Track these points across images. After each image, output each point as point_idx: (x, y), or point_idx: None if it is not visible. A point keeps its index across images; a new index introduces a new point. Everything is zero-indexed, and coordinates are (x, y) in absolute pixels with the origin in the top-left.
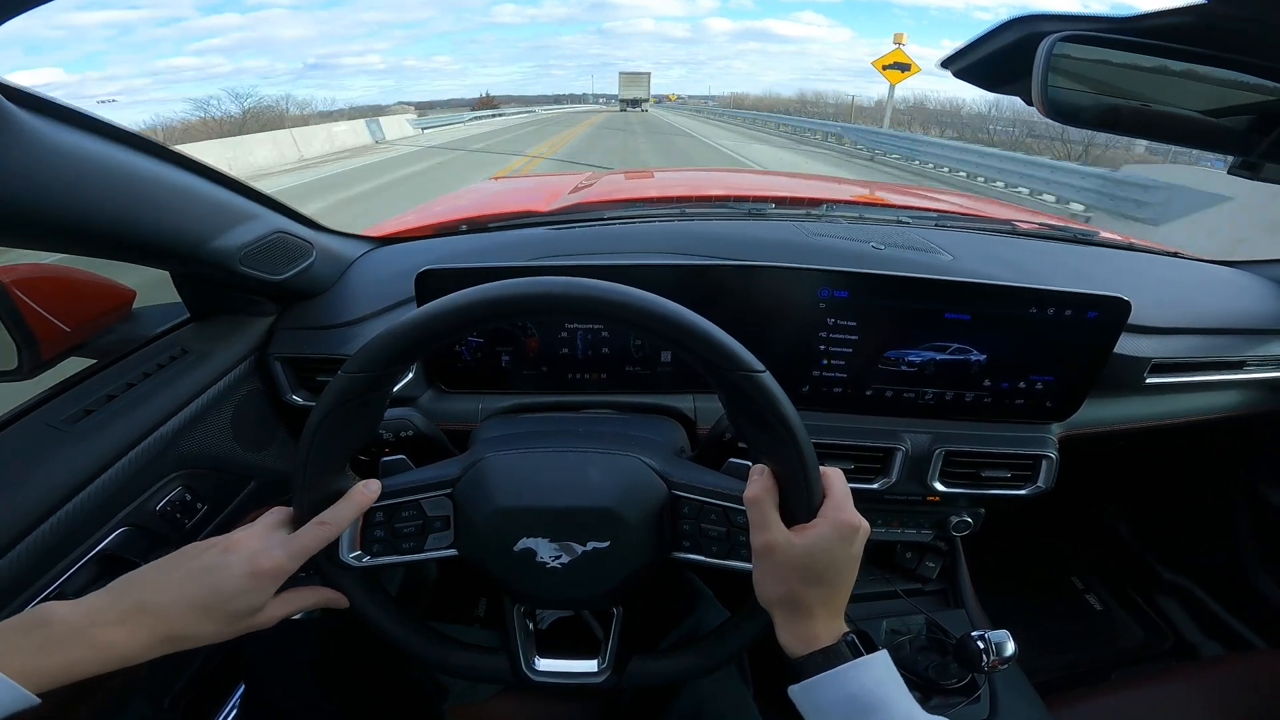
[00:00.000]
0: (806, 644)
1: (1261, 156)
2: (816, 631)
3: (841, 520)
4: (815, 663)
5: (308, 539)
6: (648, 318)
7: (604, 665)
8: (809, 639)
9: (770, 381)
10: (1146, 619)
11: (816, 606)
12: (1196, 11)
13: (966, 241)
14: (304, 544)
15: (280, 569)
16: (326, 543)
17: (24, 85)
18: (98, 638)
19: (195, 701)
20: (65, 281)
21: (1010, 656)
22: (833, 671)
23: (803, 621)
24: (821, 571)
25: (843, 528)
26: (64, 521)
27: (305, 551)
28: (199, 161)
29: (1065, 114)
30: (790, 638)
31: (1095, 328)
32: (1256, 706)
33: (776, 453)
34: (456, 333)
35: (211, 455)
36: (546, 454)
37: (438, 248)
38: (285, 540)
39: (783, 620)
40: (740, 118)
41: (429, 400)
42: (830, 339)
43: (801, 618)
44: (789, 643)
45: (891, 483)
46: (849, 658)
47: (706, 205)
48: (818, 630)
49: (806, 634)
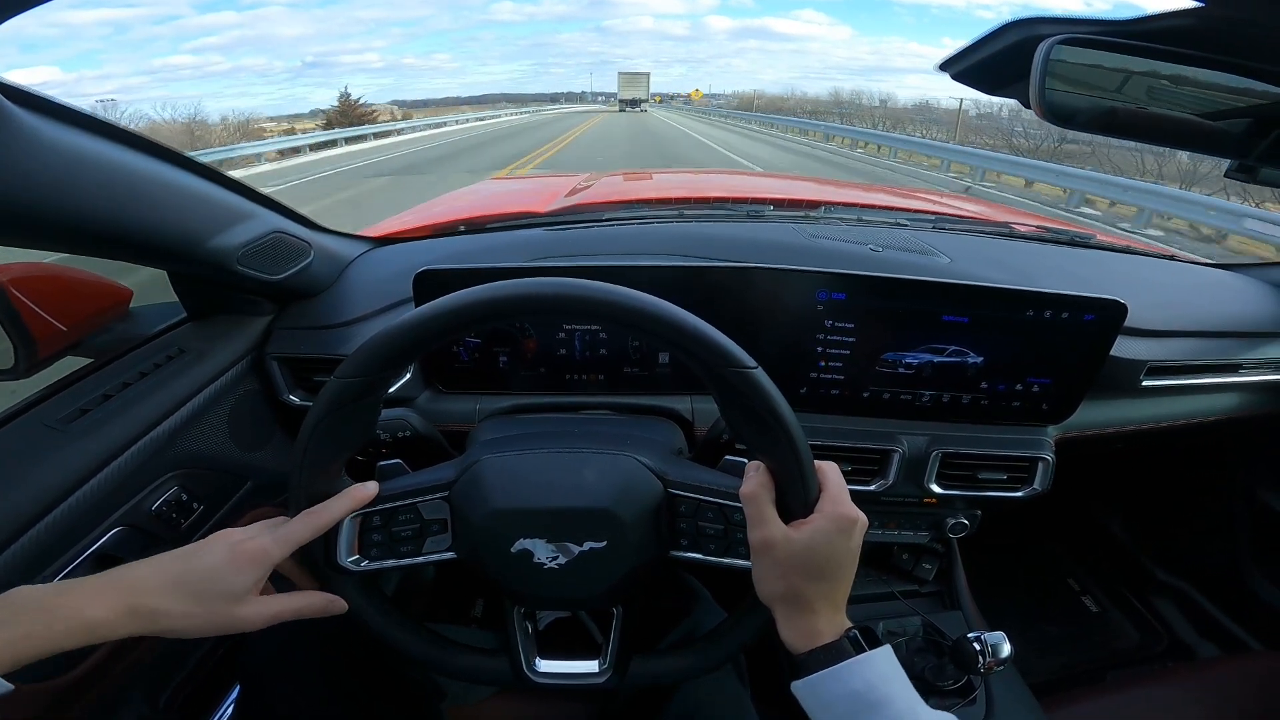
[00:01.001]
0: (809, 640)
1: (1258, 160)
2: (819, 627)
3: (840, 514)
4: (818, 659)
5: (296, 528)
6: (641, 317)
7: (605, 665)
8: (811, 635)
9: (763, 377)
10: (1142, 620)
11: (818, 601)
12: (1194, 15)
13: (964, 244)
14: (290, 532)
15: (264, 551)
16: (318, 532)
17: (22, 84)
18: (62, 606)
19: (190, 702)
20: (62, 280)
21: (1006, 658)
22: (836, 667)
23: (804, 617)
24: (821, 566)
25: (841, 521)
26: (59, 521)
27: (291, 540)
28: (197, 161)
29: (1063, 116)
30: (792, 634)
31: (1092, 330)
32: (1252, 708)
33: (771, 448)
34: (452, 334)
35: (208, 455)
36: (542, 455)
37: (436, 248)
38: (273, 529)
39: (784, 616)
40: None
41: (426, 400)
42: (828, 341)
43: (803, 613)
44: (791, 639)
45: (888, 485)
46: (852, 653)
47: (705, 207)
48: (820, 626)
49: (809, 630)
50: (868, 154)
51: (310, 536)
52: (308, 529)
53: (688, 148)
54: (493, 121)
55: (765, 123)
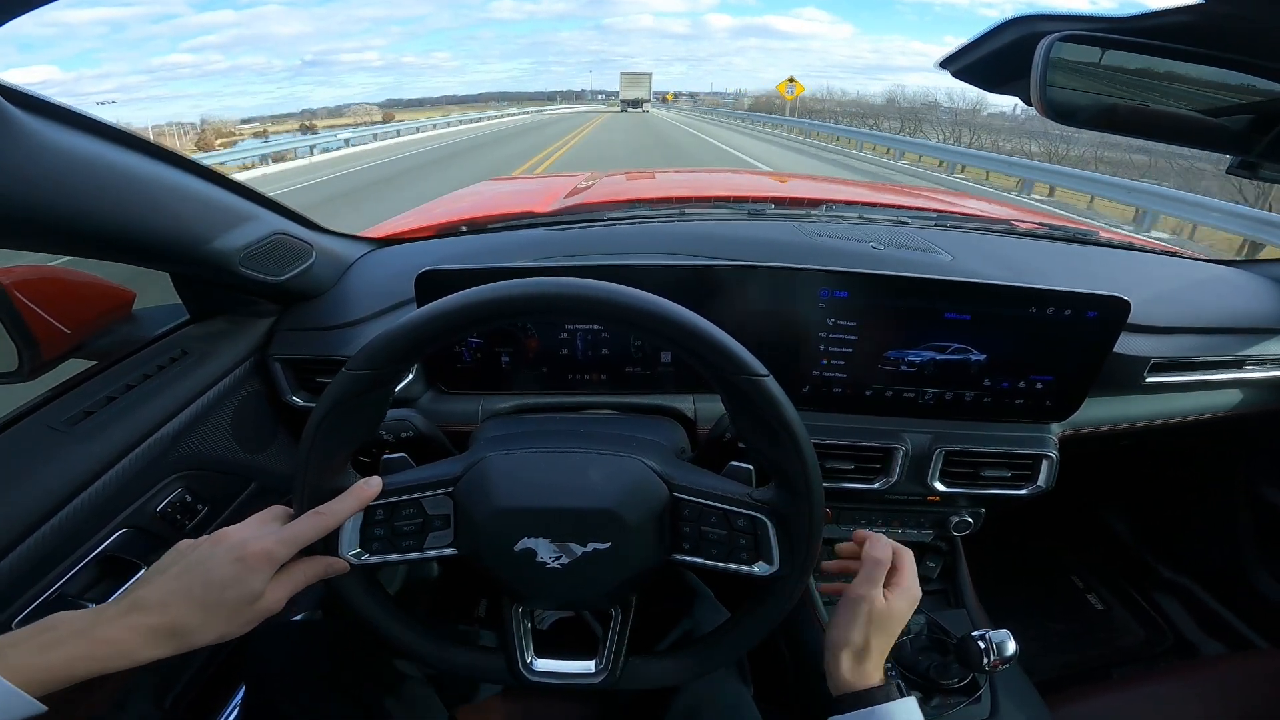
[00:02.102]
0: (863, 680)
1: (1260, 156)
2: (870, 671)
3: (914, 595)
4: (874, 696)
5: (301, 527)
6: (649, 319)
7: (601, 666)
8: (865, 677)
9: (774, 386)
10: (1147, 618)
11: (876, 654)
12: (1194, 11)
13: (966, 241)
14: (296, 531)
15: (268, 553)
16: (322, 533)
17: (23, 86)
18: (98, 635)
19: (196, 702)
20: (65, 283)
21: (1011, 656)
22: (894, 703)
23: (863, 663)
24: (893, 629)
25: (914, 600)
26: (64, 523)
27: (297, 539)
28: (198, 163)
29: (1064, 114)
30: (849, 674)
31: (1095, 327)
32: (1257, 705)
33: (779, 455)
34: (457, 333)
35: (212, 457)
36: (547, 454)
37: (438, 249)
38: (277, 528)
39: (846, 659)
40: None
41: (429, 401)
42: (830, 339)
43: (864, 661)
44: (846, 678)
45: (892, 482)
46: (896, 695)
47: (706, 206)
48: (871, 670)
49: (864, 673)
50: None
51: (315, 538)
52: (312, 530)
53: None
54: (475, 126)
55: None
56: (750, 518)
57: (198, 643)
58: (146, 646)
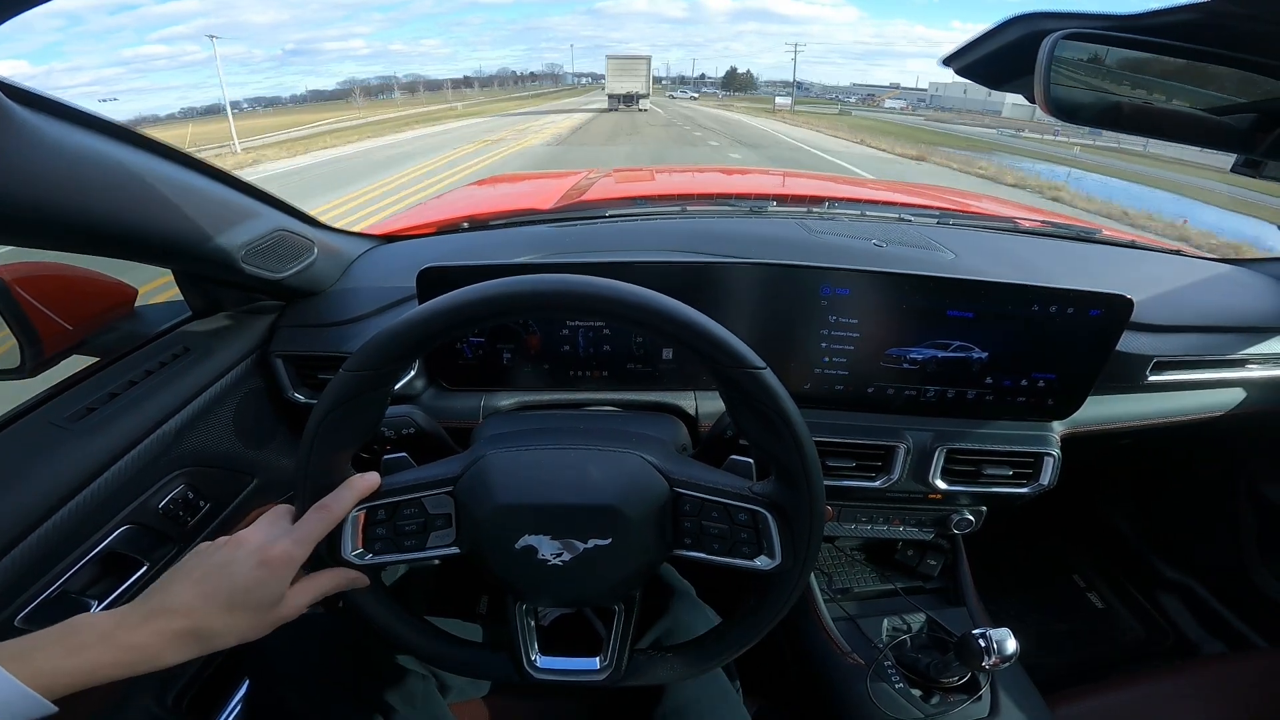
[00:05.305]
0: None
1: (1264, 154)
2: None
3: None
4: None
5: (311, 525)
6: (649, 314)
7: (606, 663)
8: None
9: (771, 379)
10: (1148, 617)
11: None
12: (1199, 9)
13: (968, 239)
14: (308, 530)
15: (289, 556)
16: (330, 526)
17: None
18: (122, 640)
19: (200, 698)
20: (67, 280)
21: (1012, 655)
22: None
23: None
24: None
25: None
26: (67, 519)
27: (310, 537)
28: (200, 159)
29: (1067, 111)
30: None
31: (1097, 325)
32: (1257, 704)
33: (778, 449)
34: (458, 330)
35: (214, 453)
36: (547, 451)
37: (439, 245)
38: (289, 529)
39: None
40: None
41: (430, 398)
42: (832, 336)
43: None
44: None
45: (893, 480)
46: None
47: (708, 203)
48: None
49: None
50: None
51: (325, 531)
52: (322, 524)
53: None
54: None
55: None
56: (751, 512)
57: (219, 645)
58: (172, 651)
